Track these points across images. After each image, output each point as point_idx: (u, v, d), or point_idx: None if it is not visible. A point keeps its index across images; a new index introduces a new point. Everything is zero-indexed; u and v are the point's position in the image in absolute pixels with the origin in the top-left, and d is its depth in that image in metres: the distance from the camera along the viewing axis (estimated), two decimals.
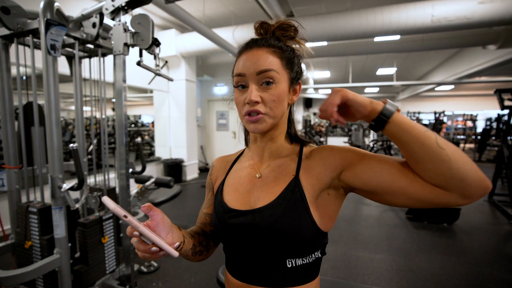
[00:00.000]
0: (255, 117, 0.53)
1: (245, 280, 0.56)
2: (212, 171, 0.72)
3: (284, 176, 0.56)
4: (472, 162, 0.40)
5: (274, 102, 0.53)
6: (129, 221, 0.41)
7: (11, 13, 1.33)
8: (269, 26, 0.58)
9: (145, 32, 1.54)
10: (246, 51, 0.55)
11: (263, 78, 0.53)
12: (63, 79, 1.94)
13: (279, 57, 0.54)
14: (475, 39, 4.62)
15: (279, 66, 0.54)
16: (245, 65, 0.54)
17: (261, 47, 0.54)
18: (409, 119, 0.44)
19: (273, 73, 0.52)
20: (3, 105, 1.55)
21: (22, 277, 1.31)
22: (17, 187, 1.63)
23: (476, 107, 12.31)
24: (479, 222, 3.21)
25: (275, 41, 0.56)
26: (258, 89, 0.53)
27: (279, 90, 0.53)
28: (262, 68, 0.52)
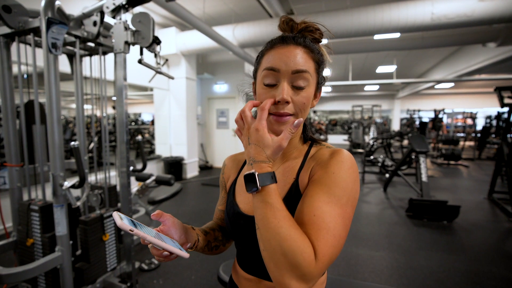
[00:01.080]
0: (282, 118, 0.51)
1: (256, 275, 0.58)
2: (224, 170, 0.72)
3: (287, 179, 0.56)
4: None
5: (303, 105, 0.51)
6: (136, 233, 0.43)
7: (12, 11, 1.33)
8: (295, 24, 0.56)
9: (145, 30, 1.54)
10: (282, 46, 0.51)
11: (298, 78, 0.50)
12: (63, 77, 1.95)
13: (314, 60, 0.52)
14: (475, 37, 4.62)
15: (313, 69, 0.52)
16: (280, 59, 0.50)
17: (299, 46, 0.51)
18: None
19: (308, 75, 0.51)
20: (5, 103, 1.55)
21: (24, 275, 1.32)
22: (18, 185, 1.63)
23: (476, 105, 12.32)
24: (479, 219, 3.22)
25: (310, 42, 0.54)
26: (290, 89, 0.51)
27: (308, 93, 0.52)
28: (300, 68, 0.50)
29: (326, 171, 0.49)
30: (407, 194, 4.16)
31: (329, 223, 0.44)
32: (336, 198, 0.46)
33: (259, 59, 0.56)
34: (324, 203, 0.46)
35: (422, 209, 3.21)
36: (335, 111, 15.12)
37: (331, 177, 0.48)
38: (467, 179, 5.43)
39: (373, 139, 6.53)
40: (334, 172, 0.48)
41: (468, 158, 7.90)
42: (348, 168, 0.49)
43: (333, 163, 0.50)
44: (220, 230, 0.69)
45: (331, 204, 0.46)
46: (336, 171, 0.49)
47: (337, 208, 0.46)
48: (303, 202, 0.48)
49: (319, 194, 0.47)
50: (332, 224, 0.44)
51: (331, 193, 0.46)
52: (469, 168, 6.63)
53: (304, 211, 0.46)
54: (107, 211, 1.75)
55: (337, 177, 0.48)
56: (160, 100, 5.38)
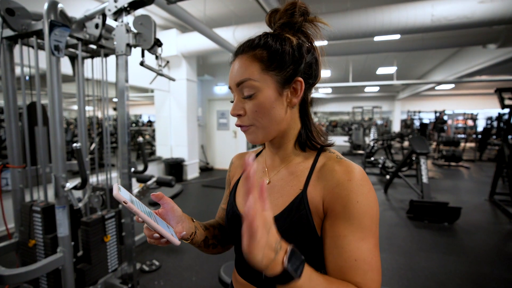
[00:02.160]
0: (243, 128, 0.52)
1: (249, 281, 0.56)
2: (231, 167, 0.71)
3: (291, 188, 0.53)
4: None
5: (256, 113, 0.49)
6: (128, 207, 0.41)
7: (15, 14, 1.35)
8: (276, 14, 0.53)
9: (147, 32, 1.55)
10: (233, 61, 0.53)
11: (242, 89, 0.50)
12: (65, 78, 1.96)
13: (260, 60, 0.49)
14: (475, 38, 4.62)
15: (258, 72, 0.48)
16: (229, 77, 0.52)
17: (244, 54, 0.50)
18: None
19: (251, 83, 0.48)
20: (7, 105, 1.56)
21: (26, 276, 1.33)
22: (21, 186, 1.65)
23: (476, 106, 12.31)
24: (480, 221, 3.22)
25: (259, 39, 0.50)
26: (241, 101, 0.51)
27: (260, 100, 0.49)
28: (238, 80, 0.50)
29: (350, 201, 0.46)
30: (408, 195, 4.16)
31: (371, 261, 0.44)
32: (368, 229, 0.45)
33: None
34: (360, 241, 0.44)
35: (423, 210, 3.21)
36: (336, 112, 15.13)
37: (357, 208, 0.45)
38: (468, 181, 5.43)
39: (374, 141, 6.54)
40: (358, 201, 0.45)
41: (469, 159, 7.89)
42: (369, 190, 0.47)
43: (354, 190, 0.46)
44: (220, 230, 0.68)
45: (366, 239, 0.44)
46: (360, 199, 0.45)
47: (372, 239, 0.45)
48: (336, 245, 0.45)
49: (353, 232, 0.44)
50: (374, 260, 0.44)
51: (363, 227, 0.45)
52: (470, 169, 6.62)
53: (344, 257, 0.44)
54: (108, 212, 1.76)
55: (363, 206, 0.45)
56: (161, 101, 5.40)
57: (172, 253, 2.40)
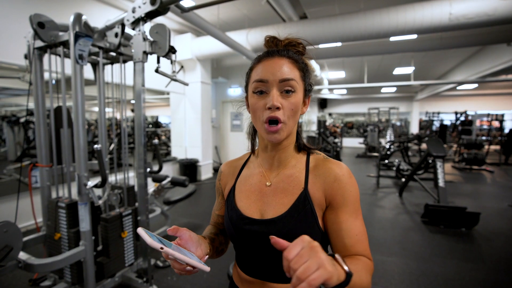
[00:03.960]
0: (276, 127, 0.55)
1: (259, 277, 0.60)
2: (220, 176, 0.74)
3: (293, 187, 0.60)
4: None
5: (292, 111, 0.56)
6: (165, 251, 0.45)
7: (45, 27, 1.48)
8: (280, 41, 0.62)
9: (162, 40, 1.64)
10: (267, 59, 0.58)
11: (285, 86, 0.55)
12: (86, 83, 2.10)
13: (298, 69, 0.58)
14: (498, 36, 4.42)
15: (298, 77, 0.58)
16: (268, 71, 0.56)
17: (283, 57, 0.57)
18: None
19: (294, 82, 0.56)
20: (38, 108, 1.71)
21: (52, 265, 1.45)
22: (48, 184, 1.79)
23: (502, 107, 11.65)
24: (501, 227, 3.08)
25: (293, 54, 0.60)
26: (279, 96, 0.56)
27: (297, 99, 0.57)
28: (286, 77, 0.55)
29: (346, 191, 0.57)
30: (424, 199, 4.04)
31: (364, 230, 0.57)
32: (358, 209, 0.58)
33: (249, 74, 0.62)
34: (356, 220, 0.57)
35: (438, 215, 3.12)
36: (351, 113, 14.85)
37: (351, 196, 0.57)
38: (491, 185, 5.17)
39: (390, 142, 6.38)
40: (351, 190, 0.58)
41: (493, 163, 7.50)
42: (354, 180, 0.59)
43: (348, 182, 0.58)
44: (222, 234, 0.73)
45: (358, 217, 0.57)
46: (351, 188, 0.58)
47: (360, 215, 0.58)
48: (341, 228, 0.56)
49: (351, 214, 0.57)
50: (364, 229, 0.58)
51: (356, 208, 0.58)
52: (494, 173, 6.30)
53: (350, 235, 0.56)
54: (125, 210, 1.87)
55: (354, 193, 0.58)
56: (176, 103, 5.57)
57: None
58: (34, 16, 1.43)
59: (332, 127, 12.07)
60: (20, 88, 4.49)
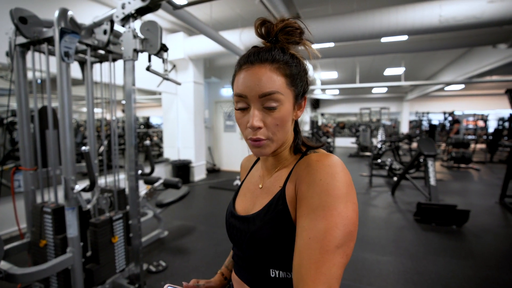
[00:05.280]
0: (258, 143, 0.50)
1: (241, 278, 0.59)
2: (241, 169, 0.76)
3: (275, 187, 0.55)
4: None
5: (277, 127, 0.49)
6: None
7: (28, 22, 1.40)
8: (272, 26, 0.51)
9: (153, 38, 1.59)
10: (247, 67, 0.49)
11: (266, 102, 0.48)
12: (74, 82, 2.02)
13: (284, 75, 0.49)
14: (485, 38, 4.53)
15: (283, 85, 0.49)
16: (246, 85, 0.48)
17: (264, 63, 0.48)
18: None
19: (277, 95, 0.47)
20: (20, 109, 1.62)
21: (37, 275, 1.37)
22: (32, 188, 1.70)
23: (487, 107, 12.03)
24: (490, 224, 3.15)
25: (280, 54, 0.50)
26: (261, 112, 0.49)
27: (282, 113, 0.49)
28: (266, 91, 0.47)
29: (314, 179, 0.45)
30: (416, 198, 4.10)
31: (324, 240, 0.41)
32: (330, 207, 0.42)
33: (233, 80, 0.54)
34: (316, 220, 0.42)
35: (430, 213, 3.16)
36: (343, 113, 15.01)
37: (319, 186, 0.44)
38: (478, 183, 5.31)
39: (381, 142, 6.46)
40: (321, 179, 0.44)
41: (480, 161, 7.71)
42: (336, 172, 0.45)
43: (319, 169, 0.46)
44: None
45: (326, 218, 0.42)
46: (324, 177, 0.44)
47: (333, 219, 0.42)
48: (298, 225, 0.45)
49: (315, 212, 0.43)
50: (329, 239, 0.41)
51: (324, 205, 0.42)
52: (480, 171, 6.47)
53: (302, 236, 0.43)
54: (116, 214, 1.80)
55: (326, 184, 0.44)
56: (168, 104, 5.47)
57: (178, 254, 2.43)
58: (15, 10, 1.35)
59: (324, 127, 12.15)
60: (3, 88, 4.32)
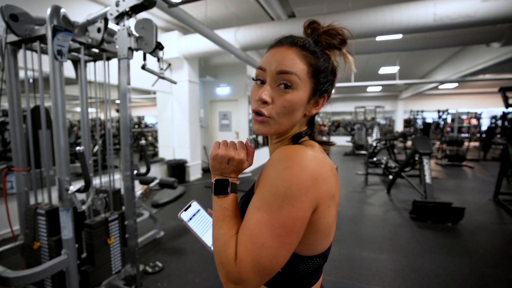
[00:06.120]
0: (260, 117, 0.50)
1: None
2: None
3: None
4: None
5: (284, 108, 0.49)
6: (184, 224, 0.59)
7: (19, 20, 1.36)
8: (318, 27, 0.54)
9: (148, 36, 1.56)
10: (276, 47, 0.52)
11: (282, 80, 0.49)
12: (68, 81, 1.98)
13: (308, 63, 0.50)
14: (478, 37, 4.59)
15: (304, 72, 0.49)
16: (268, 60, 0.51)
17: (292, 47, 0.50)
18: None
19: (294, 77, 0.48)
20: (12, 108, 1.58)
21: (31, 278, 1.34)
22: (25, 189, 1.66)
23: (481, 105, 12.20)
24: (484, 221, 3.19)
25: (312, 45, 0.51)
26: (273, 89, 0.50)
27: (294, 97, 0.49)
28: (283, 69, 0.48)
29: (265, 171, 0.47)
30: (411, 196, 4.14)
31: (252, 229, 0.43)
32: (266, 203, 0.43)
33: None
34: (256, 210, 0.44)
35: (426, 211, 3.19)
36: (338, 112, 15.07)
37: (265, 179, 0.46)
38: (472, 180, 5.38)
39: (376, 140, 6.50)
40: (269, 173, 0.46)
41: (473, 159, 7.82)
42: (286, 168, 0.43)
43: (271, 163, 0.46)
44: None
45: (260, 211, 0.44)
46: (272, 172, 0.45)
47: (265, 215, 0.43)
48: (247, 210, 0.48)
49: (255, 199, 0.46)
50: (255, 231, 0.43)
51: (262, 198, 0.44)
52: (474, 169, 6.56)
53: (244, 219, 0.47)
54: (111, 214, 1.77)
55: (271, 179, 0.44)
56: (163, 103, 5.43)
57: (175, 255, 2.41)
58: (5, 7, 1.31)
59: (319, 126, 12.19)
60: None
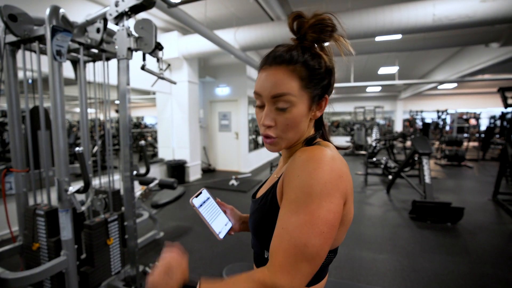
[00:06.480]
0: (269, 140, 0.54)
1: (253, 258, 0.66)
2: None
3: (276, 177, 0.59)
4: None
5: (287, 126, 0.52)
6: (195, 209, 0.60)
7: (18, 20, 1.36)
8: (303, 23, 0.52)
9: (148, 36, 1.56)
10: (265, 68, 0.52)
11: (278, 103, 0.50)
12: (67, 81, 1.97)
13: (299, 77, 0.50)
14: (477, 37, 4.60)
15: (297, 88, 0.50)
16: (262, 85, 0.52)
17: (280, 65, 0.50)
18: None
19: (288, 97, 0.50)
20: (11, 109, 1.58)
21: (30, 279, 1.34)
22: (24, 190, 1.66)
23: (480, 105, 12.22)
24: (483, 221, 3.19)
25: (299, 55, 0.51)
26: (273, 112, 0.52)
27: (294, 114, 0.51)
28: (277, 92, 0.50)
29: (293, 174, 0.47)
30: (411, 196, 4.14)
31: (292, 233, 0.44)
32: (302, 204, 0.44)
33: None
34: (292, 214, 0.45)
35: (425, 211, 3.19)
36: (337, 112, 15.08)
37: (296, 182, 0.46)
38: (471, 180, 5.39)
39: (376, 141, 6.51)
40: (299, 175, 0.46)
41: (472, 159, 7.83)
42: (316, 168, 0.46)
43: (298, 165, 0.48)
44: None
45: (298, 214, 0.44)
46: (301, 174, 0.46)
47: (304, 216, 0.44)
48: (279, 216, 0.49)
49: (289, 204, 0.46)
50: (296, 234, 0.44)
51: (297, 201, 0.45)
52: (473, 169, 6.57)
53: (278, 224, 0.47)
54: (111, 215, 1.77)
55: (302, 180, 0.45)
56: (163, 103, 5.42)
57: None
58: (4, 7, 1.31)
59: None
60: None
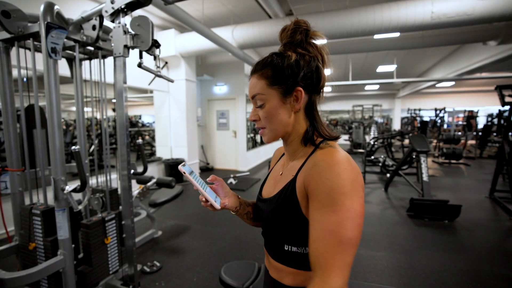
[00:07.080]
0: (260, 131, 0.66)
1: (267, 250, 0.71)
2: (273, 157, 0.86)
3: (289, 176, 0.63)
4: None
5: (266, 119, 0.63)
6: (186, 177, 0.59)
7: (11, 17, 1.34)
8: (282, 31, 0.64)
9: (145, 34, 1.54)
10: (250, 78, 0.66)
11: (255, 101, 0.64)
12: (63, 80, 1.95)
13: (265, 78, 0.62)
14: (475, 35, 4.60)
15: (265, 87, 0.62)
16: (248, 90, 0.67)
17: (254, 74, 0.64)
18: None
19: (259, 96, 0.63)
20: (5, 107, 1.56)
21: (26, 279, 1.33)
22: (20, 190, 1.64)
23: (477, 103, 12.28)
24: (480, 218, 3.22)
25: (267, 60, 0.63)
26: (256, 109, 0.65)
27: (267, 108, 0.62)
28: (253, 94, 0.64)
29: (321, 179, 0.52)
30: (408, 193, 4.16)
31: (334, 230, 0.48)
32: (339, 203, 0.49)
33: None
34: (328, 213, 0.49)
35: (423, 208, 3.21)
36: (336, 111, 15.10)
37: (326, 185, 0.50)
38: (469, 178, 5.42)
39: (374, 139, 6.52)
40: (328, 178, 0.51)
41: (470, 157, 7.88)
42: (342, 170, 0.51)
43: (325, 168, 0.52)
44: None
45: (336, 212, 0.49)
46: (330, 176, 0.51)
47: (342, 213, 0.49)
48: (311, 218, 0.53)
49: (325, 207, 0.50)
50: (338, 230, 0.48)
51: (332, 201, 0.49)
52: (471, 167, 6.61)
53: (315, 227, 0.51)
54: (108, 214, 1.76)
55: (333, 183, 0.50)
56: (160, 102, 5.39)
57: (173, 254, 2.40)
58: None
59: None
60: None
